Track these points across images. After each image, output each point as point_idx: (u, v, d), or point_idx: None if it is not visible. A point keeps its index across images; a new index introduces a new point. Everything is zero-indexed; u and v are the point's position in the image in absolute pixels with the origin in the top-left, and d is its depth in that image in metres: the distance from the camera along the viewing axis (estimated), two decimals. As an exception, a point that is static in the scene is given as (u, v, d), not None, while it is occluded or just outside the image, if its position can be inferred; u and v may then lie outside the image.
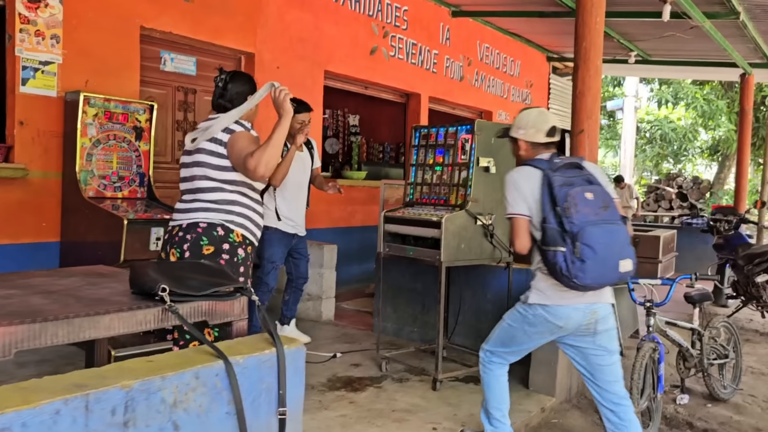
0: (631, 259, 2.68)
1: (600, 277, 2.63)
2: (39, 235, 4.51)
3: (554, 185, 2.66)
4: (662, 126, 19.04)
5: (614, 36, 8.58)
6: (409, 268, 4.91)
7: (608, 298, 2.85)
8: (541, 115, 2.96)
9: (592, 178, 2.75)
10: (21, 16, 4.33)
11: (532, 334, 2.90)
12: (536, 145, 2.90)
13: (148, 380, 1.65)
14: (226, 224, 2.84)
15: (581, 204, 2.62)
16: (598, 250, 2.58)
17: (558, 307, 2.77)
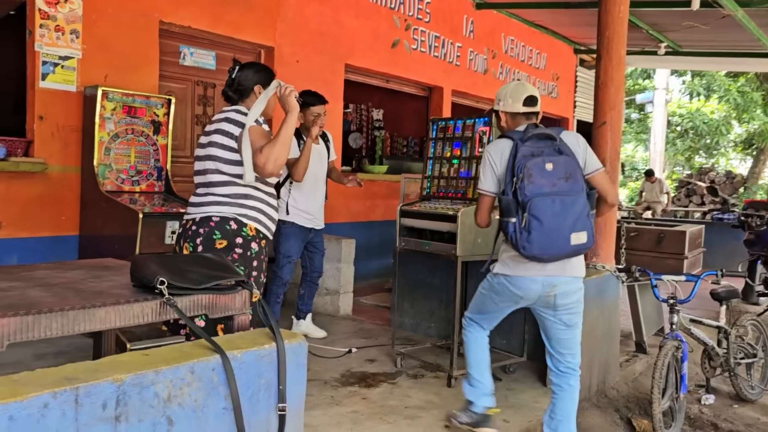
0: (587, 232, 2.68)
1: (548, 249, 2.67)
2: (58, 228, 4.56)
3: (518, 156, 2.70)
4: (693, 119, 18.58)
5: (643, 27, 8.37)
6: (426, 262, 4.85)
7: (572, 272, 2.86)
8: (519, 86, 3.00)
9: (564, 148, 2.74)
10: (41, 11, 4.37)
11: (498, 302, 3.02)
12: (516, 116, 2.94)
13: (140, 374, 1.63)
14: (240, 218, 2.80)
15: (537, 175, 2.65)
16: (545, 222, 2.62)
17: (518, 278, 2.85)
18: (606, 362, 4.15)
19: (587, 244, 2.71)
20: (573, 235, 2.65)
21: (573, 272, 2.86)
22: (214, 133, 2.88)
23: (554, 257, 2.72)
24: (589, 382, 3.97)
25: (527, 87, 3.01)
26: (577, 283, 2.89)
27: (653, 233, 4.84)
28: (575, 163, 2.74)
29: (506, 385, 3.95)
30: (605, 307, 4.07)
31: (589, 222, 2.70)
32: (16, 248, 4.40)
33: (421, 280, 4.97)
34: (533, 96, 2.95)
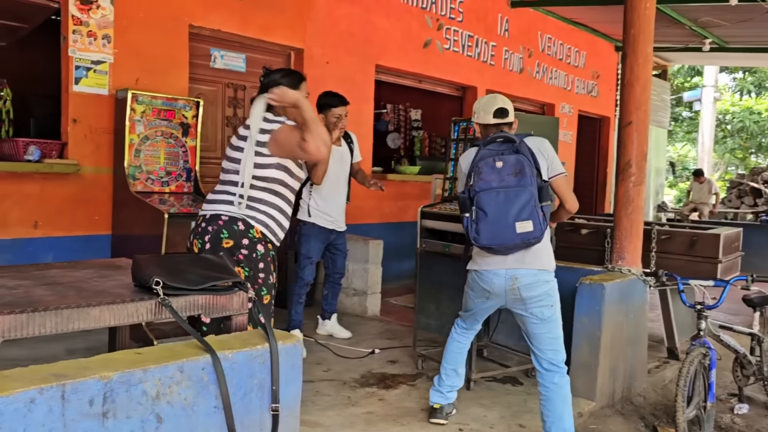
0: (532, 221, 2.84)
1: (494, 238, 2.88)
2: (92, 227, 4.71)
3: (476, 158, 2.96)
4: (744, 118, 17.90)
5: (685, 23, 8.13)
6: (451, 264, 4.79)
7: (534, 265, 2.97)
8: (491, 99, 3.21)
9: (523, 149, 2.92)
10: (74, 17, 4.52)
11: (474, 298, 3.21)
12: (487, 127, 3.16)
13: (128, 372, 1.67)
14: (248, 219, 2.83)
15: (486, 172, 2.90)
16: (489, 213, 2.86)
17: (483, 272, 3.05)
18: (632, 368, 4.05)
19: (534, 233, 2.85)
20: (518, 224, 2.83)
21: (535, 265, 2.98)
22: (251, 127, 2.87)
23: (504, 246, 2.89)
24: (612, 389, 3.88)
25: (498, 100, 3.20)
26: (541, 276, 2.99)
27: (686, 236, 4.68)
28: (528, 162, 2.90)
29: (526, 390, 3.89)
30: (630, 311, 3.97)
31: (536, 212, 2.85)
32: (51, 247, 4.56)
33: (446, 281, 4.93)
34: (503, 108, 3.15)
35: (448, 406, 3.38)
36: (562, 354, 3.09)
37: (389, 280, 6.53)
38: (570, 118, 9.81)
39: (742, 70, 18.08)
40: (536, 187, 2.89)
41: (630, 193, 4.04)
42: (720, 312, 6.10)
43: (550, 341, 3.06)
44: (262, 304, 2.84)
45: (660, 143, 12.37)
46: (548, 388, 3.05)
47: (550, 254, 3.08)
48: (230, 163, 2.93)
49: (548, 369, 3.06)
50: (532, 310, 3.01)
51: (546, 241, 3.03)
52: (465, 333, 3.42)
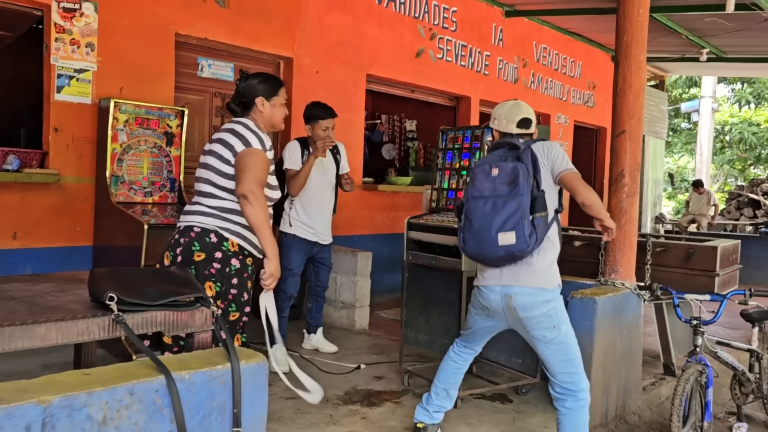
0: (515, 232, 2.67)
1: (478, 248, 2.77)
2: (73, 239, 4.60)
3: (476, 165, 2.89)
4: (742, 130, 17.81)
5: (682, 32, 8.05)
6: (441, 277, 4.69)
7: (530, 282, 2.80)
8: (515, 107, 3.04)
9: (525, 157, 2.77)
10: (56, 25, 4.44)
11: (474, 314, 3.06)
12: (506, 136, 2.98)
13: (70, 396, 1.55)
14: (220, 231, 2.72)
15: (479, 180, 2.80)
16: (474, 222, 2.76)
17: (482, 288, 2.93)
18: (625, 385, 3.91)
19: (517, 246, 2.67)
20: (500, 235, 2.68)
21: (531, 283, 2.79)
22: (216, 142, 2.82)
23: (486, 257, 2.78)
24: (605, 407, 3.74)
25: (522, 108, 3.03)
26: (538, 296, 2.80)
27: (682, 248, 4.56)
28: (525, 171, 2.74)
29: (516, 408, 3.76)
30: (624, 326, 3.84)
31: (522, 224, 2.67)
32: (30, 258, 4.45)
33: (436, 295, 4.81)
34: (528, 118, 2.99)
35: (432, 426, 3.23)
36: (577, 377, 2.86)
37: (380, 293, 6.41)
38: (566, 129, 9.72)
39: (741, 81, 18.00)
40: (528, 197, 2.71)
41: (623, 204, 3.93)
42: (719, 327, 6.01)
43: (561, 364, 2.85)
44: (227, 321, 2.72)
45: (657, 154, 12.28)
46: (560, 412, 2.87)
47: (551, 271, 2.87)
48: (201, 171, 2.83)
49: (561, 393, 2.87)
50: (532, 332, 2.84)
51: (545, 257, 2.84)
52: (463, 353, 3.24)
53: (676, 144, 22.82)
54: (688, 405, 3.38)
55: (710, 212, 12.44)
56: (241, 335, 2.85)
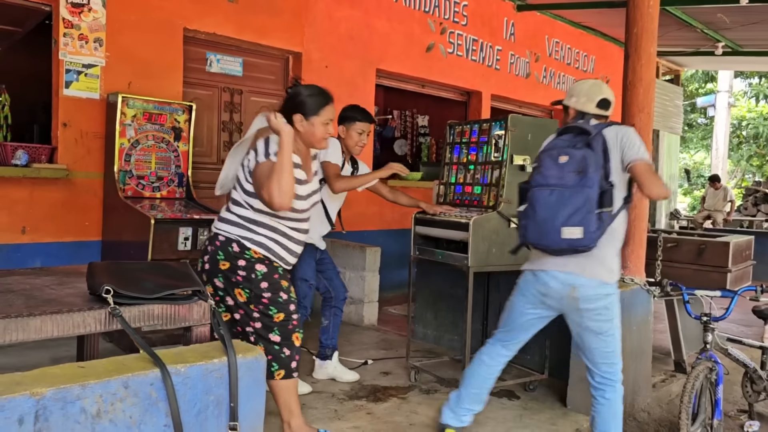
0: (583, 227, 2.55)
1: (539, 238, 2.67)
2: (82, 233, 4.62)
3: (543, 149, 2.77)
4: (758, 124, 17.53)
5: (697, 26, 7.94)
6: (450, 272, 4.66)
7: (595, 274, 2.71)
8: (595, 86, 2.91)
9: (596, 144, 2.64)
10: (65, 20, 4.45)
11: (523, 304, 2.92)
12: (585, 116, 2.84)
13: (63, 388, 1.55)
14: (242, 241, 2.68)
15: (546, 167, 2.67)
16: (538, 211, 2.64)
17: (540, 272, 2.81)
18: (635, 382, 3.86)
19: (582, 241, 2.56)
20: (564, 229, 2.57)
21: (596, 274, 2.70)
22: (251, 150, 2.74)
23: (548, 248, 2.68)
24: (613, 404, 3.69)
25: (603, 88, 2.90)
26: (602, 289, 2.73)
27: (693, 244, 4.50)
28: (595, 159, 2.61)
29: (523, 404, 3.72)
30: (633, 322, 3.79)
31: (589, 218, 2.55)
32: (39, 253, 4.47)
33: (445, 290, 4.78)
34: (607, 99, 2.86)
35: (459, 429, 3.12)
36: (616, 367, 2.88)
37: (389, 289, 6.39)
38: (579, 124, 9.61)
39: (758, 75, 17.72)
40: (597, 190, 2.58)
41: (633, 199, 3.86)
42: (732, 324, 5.92)
43: (605, 355, 2.83)
44: (274, 323, 2.69)
45: (672, 149, 12.14)
46: (599, 402, 2.87)
47: (614, 264, 2.79)
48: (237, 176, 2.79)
49: (600, 383, 2.86)
50: (587, 323, 2.78)
51: (610, 249, 2.75)
52: (498, 356, 3.06)
53: (692, 139, 22.55)
54: (697, 402, 3.33)
55: (726, 208, 12.29)
56: (299, 332, 2.78)
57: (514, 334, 3.02)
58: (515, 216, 3.65)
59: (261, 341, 2.70)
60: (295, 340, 2.76)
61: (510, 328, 3.01)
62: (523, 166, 3.67)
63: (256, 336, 2.71)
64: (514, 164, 3.65)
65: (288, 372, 2.74)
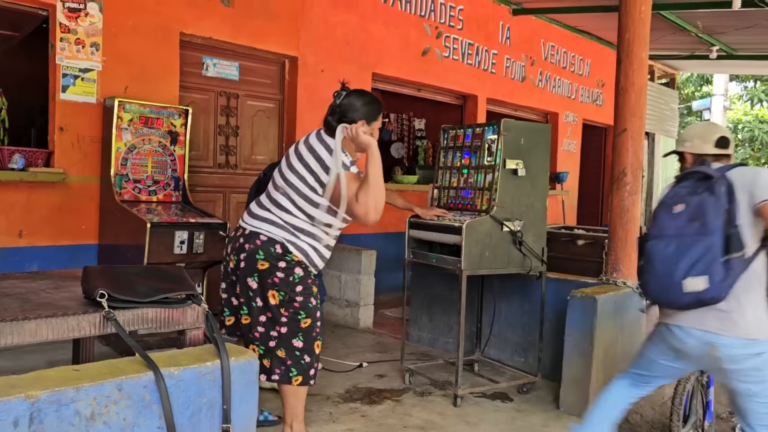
0: (709, 277, 2.32)
1: (661, 294, 2.48)
2: (78, 237, 4.64)
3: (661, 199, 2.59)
4: (753, 127, 17.59)
5: (691, 30, 7.98)
6: (445, 275, 4.69)
7: (739, 332, 2.42)
8: (709, 126, 2.79)
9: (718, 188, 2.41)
10: (62, 25, 4.48)
11: (656, 354, 2.71)
12: (704, 158, 2.67)
13: (57, 391, 1.57)
14: (287, 244, 2.71)
15: (661, 218, 2.51)
16: (655, 264, 2.46)
17: (675, 327, 2.55)
18: (627, 384, 3.88)
19: (709, 292, 2.32)
20: (686, 282, 2.36)
21: (739, 332, 2.42)
22: (299, 161, 2.76)
23: (672, 304, 2.49)
24: (606, 406, 3.72)
25: (718, 127, 2.80)
26: (749, 348, 2.42)
27: (686, 247, 4.52)
28: (715, 204, 2.39)
29: (516, 406, 3.75)
30: (625, 325, 3.82)
31: (715, 267, 2.32)
32: (36, 256, 4.50)
33: (439, 293, 4.82)
34: (725, 137, 2.71)
35: None
36: None
37: (385, 292, 6.42)
38: (574, 128, 9.67)
39: (753, 79, 17.78)
40: (721, 236, 2.34)
41: (625, 203, 3.91)
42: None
43: (760, 417, 2.51)
44: (300, 329, 2.72)
45: (668, 153, 12.16)
46: None
47: (762, 315, 2.47)
48: (282, 181, 2.80)
49: None
50: (735, 384, 2.51)
51: (751, 300, 2.45)
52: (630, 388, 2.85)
53: (689, 142, 22.55)
54: (689, 404, 3.35)
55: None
56: (320, 341, 2.84)
57: (646, 380, 2.82)
58: (508, 219, 3.71)
59: (282, 346, 2.72)
60: (316, 348, 2.79)
61: (641, 371, 2.82)
62: (516, 170, 3.71)
63: (278, 341, 2.72)
64: (506, 168, 3.68)
65: (305, 379, 2.76)
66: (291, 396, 2.79)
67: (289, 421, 2.81)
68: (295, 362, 2.73)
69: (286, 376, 2.73)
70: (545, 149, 3.86)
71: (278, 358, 2.73)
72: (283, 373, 2.74)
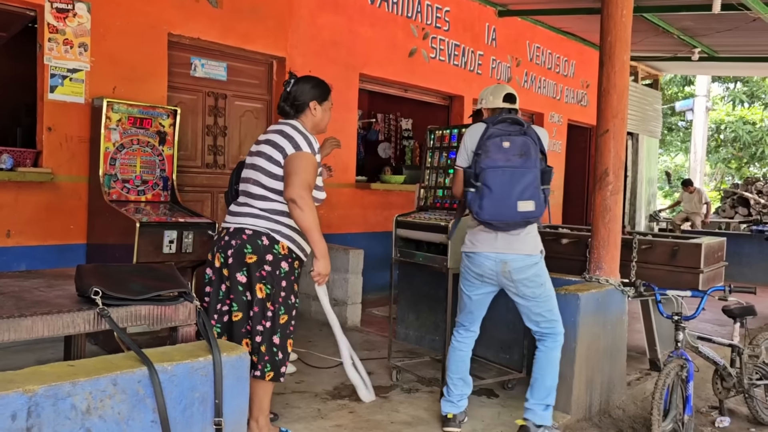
0: (534, 201, 3.01)
1: (497, 214, 3.03)
2: (67, 237, 4.66)
3: (484, 136, 3.07)
4: (736, 128, 17.86)
5: (673, 32, 8.11)
6: (431, 274, 4.75)
7: (521, 250, 3.17)
8: (497, 87, 3.50)
9: (530, 132, 3.08)
10: (50, 25, 4.49)
11: (467, 287, 3.35)
12: (495, 111, 3.37)
13: (54, 385, 1.61)
14: (272, 234, 2.78)
15: (493, 151, 3.04)
16: (494, 189, 3.00)
17: (473, 255, 3.25)
18: (609, 380, 3.98)
19: (535, 213, 3.02)
20: (520, 203, 2.99)
21: (522, 250, 3.16)
22: (264, 143, 2.88)
23: (504, 223, 3.05)
24: (589, 401, 3.81)
25: (505, 87, 3.48)
26: (528, 260, 3.18)
27: (667, 246, 4.62)
28: (534, 145, 3.06)
29: (501, 402, 3.82)
30: (608, 322, 3.90)
31: (538, 193, 3.03)
32: (24, 256, 4.50)
33: (426, 292, 4.88)
34: (512, 94, 3.45)
35: (461, 414, 3.39)
36: (554, 323, 3.28)
37: (373, 291, 6.48)
38: (559, 128, 9.78)
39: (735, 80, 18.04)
40: (539, 170, 3.05)
41: (607, 202, 3.99)
42: (707, 323, 6.08)
43: (543, 312, 3.26)
44: (279, 324, 2.77)
45: (652, 153, 12.34)
46: (539, 349, 3.30)
47: (537, 239, 3.25)
48: (250, 170, 2.88)
49: (541, 336, 3.30)
50: (523, 290, 3.21)
51: (531, 228, 3.20)
52: (464, 338, 3.45)
53: (672, 143, 22.89)
54: (669, 399, 3.45)
55: (703, 210, 12.49)
56: (292, 339, 2.91)
57: (471, 317, 3.42)
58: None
59: (265, 342, 2.78)
60: (289, 346, 2.87)
61: (466, 312, 3.41)
62: (501, 170, 3.77)
63: (263, 336, 2.78)
64: (492, 168, 3.74)
65: (277, 375, 2.83)
66: (260, 390, 2.84)
67: (256, 415, 2.87)
68: (271, 358, 2.79)
69: (262, 370, 2.81)
70: (530, 150, 3.93)
71: (261, 353, 2.80)
72: (262, 369, 2.81)
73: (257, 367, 2.79)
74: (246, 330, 2.79)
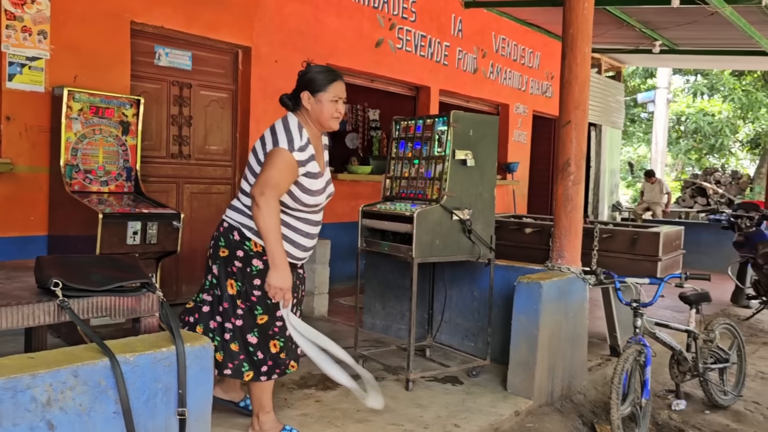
0: None
1: None
2: (27, 228, 4.57)
3: None
4: (697, 120, 18.30)
5: (635, 24, 8.26)
6: (397, 264, 4.80)
7: None
8: None
9: None
10: (7, 12, 4.38)
11: None
12: None
13: (13, 378, 1.60)
14: (243, 230, 2.70)
15: None
16: None
17: None
18: (571, 366, 4.08)
19: None
20: None
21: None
22: (264, 133, 2.79)
23: None
24: (551, 387, 3.90)
25: None
26: None
27: (627, 235, 4.74)
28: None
29: (466, 389, 3.89)
30: (569, 309, 4.00)
31: None
32: (-17, 248, 4.41)
33: (392, 281, 4.92)
34: None
35: None
36: None
37: (340, 281, 6.50)
38: (524, 119, 9.90)
39: (695, 73, 18.47)
40: None
41: (569, 192, 4.07)
42: (666, 310, 6.25)
43: None
44: (256, 324, 2.73)
45: (614, 144, 12.58)
46: None
47: None
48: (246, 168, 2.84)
49: None
50: None
51: None
52: None
53: (635, 134, 23.33)
54: (627, 383, 3.55)
55: (664, 200, 12.80)
56: (279, 340, 2.79)
57: None
58: (457, 208, 3.83)
59: (237, 340, 2.73)
60: (272, 347, 2.78)
61: None
62: (465, 160, 3.82)
63: (233, 334, 2.73)
64: (456, 159, 3.79)
65: (257, 375, 2.78)
66: (255, 388, 2.86)
67: (256, 411, 2.90)
68: (247, 357, 2.75)
69: (239, 370, 2.75)
70: (493, 140, 3.99)
71: (231, 351, 2.75)
72: (235, 367, 2.75)
73: (227, 365, 2.74)
74: (212, 325, 2.77)
